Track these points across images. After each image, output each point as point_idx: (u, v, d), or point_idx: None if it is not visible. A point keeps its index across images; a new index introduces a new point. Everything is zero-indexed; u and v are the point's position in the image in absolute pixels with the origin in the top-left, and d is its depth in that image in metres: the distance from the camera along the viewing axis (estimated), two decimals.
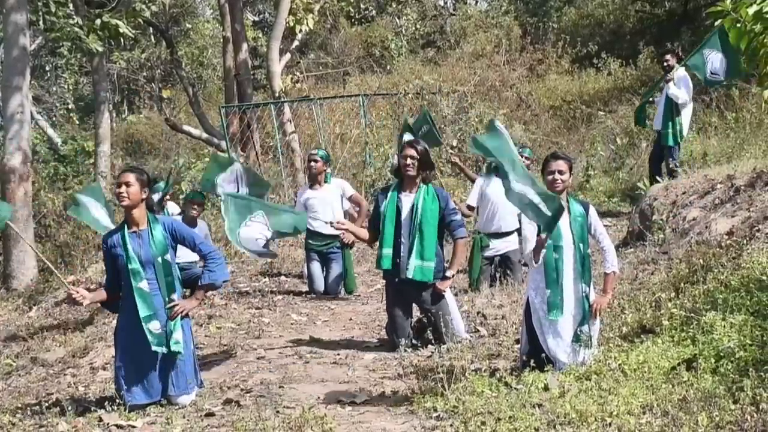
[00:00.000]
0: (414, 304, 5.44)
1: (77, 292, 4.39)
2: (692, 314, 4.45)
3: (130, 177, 4.37)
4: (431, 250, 5.22)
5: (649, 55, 14.56)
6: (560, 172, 4.42)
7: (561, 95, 14.88)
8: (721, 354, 3.94)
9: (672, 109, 8.42)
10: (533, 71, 16.08)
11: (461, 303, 6.00)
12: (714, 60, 7.84)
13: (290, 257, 8.90)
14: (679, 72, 8.38)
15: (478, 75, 14.68)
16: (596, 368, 4.12)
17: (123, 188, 4.35)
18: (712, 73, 7.92)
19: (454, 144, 11.66)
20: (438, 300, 5.28)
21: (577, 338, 4.34)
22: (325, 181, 7.33)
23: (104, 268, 4.46)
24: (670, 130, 8.42)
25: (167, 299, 4.39)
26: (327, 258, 7.37)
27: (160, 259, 4.36)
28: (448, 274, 5.33)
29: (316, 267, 7.39)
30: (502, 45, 16.74)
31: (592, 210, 4.54)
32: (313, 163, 7.29)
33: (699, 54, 7.95)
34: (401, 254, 5.23)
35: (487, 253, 6.80)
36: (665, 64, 8.57)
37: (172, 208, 8.01)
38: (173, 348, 4.33)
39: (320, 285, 7.37)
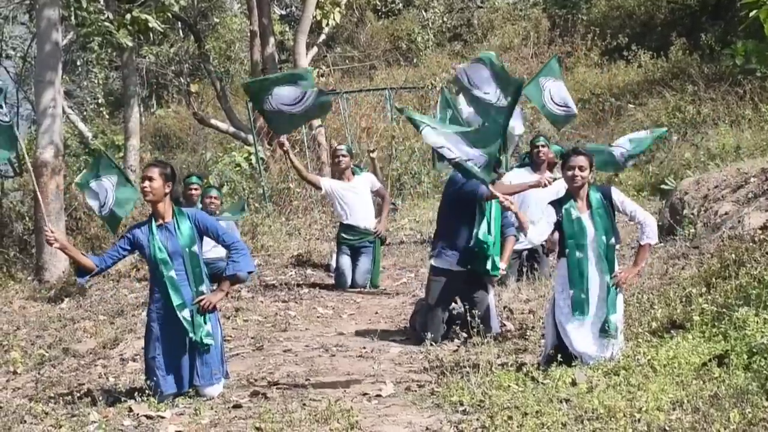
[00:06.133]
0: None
1: (52, 232, 4.40)
2: (724, 310, 4.37)
3: (154, 172, 4.42)
4: (498, 244, 5.50)
5: (681, 47, 14.28)
6: (580, 168, 4.40)
7: (590, 88, 14.67)
8: (754, 350, 3.87)
9: (504, 141, 7.82)
10: (562, 64, 15.85)
11: None
12: (553, 89, 7.20)
13: (316, 250, 8.93)
14: None
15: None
16: (625, 363, 4.07)
17: (146, 183, 4.42)
18: (557, 104, 7.22)
19: None
20: (486, 292, 5.43)
21: (604, 331, 4.30)
22: (354, 174, 7.52)
23: (115, 245, 4.51)
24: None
25: (196, 291, 4.43)
26: (358, 251, 7.39)
27: (188, 251, 4.41)
28: (502, 266, 5.54)
29: (346, 261, 7.40)
30: (530, 38, 16.56)
31: (615, 192, 4.46)
32: (342, 158, 7.47)
33: (535, 81, 7.29)
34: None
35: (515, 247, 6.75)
36: None
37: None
38: (205, 341, 4.39)
39: (347, 280, 7.38)
